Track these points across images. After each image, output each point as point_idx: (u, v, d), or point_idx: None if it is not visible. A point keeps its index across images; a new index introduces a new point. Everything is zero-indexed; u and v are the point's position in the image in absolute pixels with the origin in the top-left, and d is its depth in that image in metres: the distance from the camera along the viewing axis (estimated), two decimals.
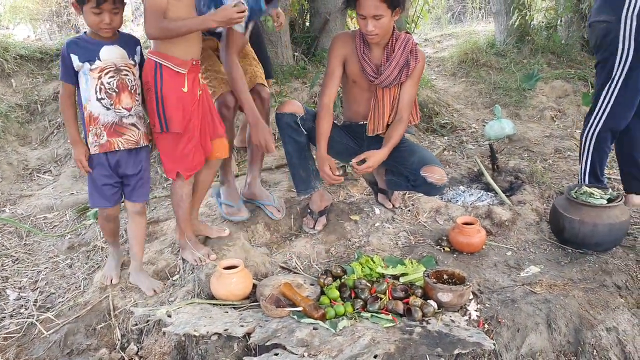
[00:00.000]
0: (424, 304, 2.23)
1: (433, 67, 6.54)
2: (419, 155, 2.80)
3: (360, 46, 2.70)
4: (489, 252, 2.77)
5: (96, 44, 2.25)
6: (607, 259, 2.62)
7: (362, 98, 2.85)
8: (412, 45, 2.71)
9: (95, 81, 2.24)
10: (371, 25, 2.52)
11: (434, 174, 2.67)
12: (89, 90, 2.25)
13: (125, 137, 2.34)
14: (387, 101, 2.77)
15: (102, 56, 2.25)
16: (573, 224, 2.66)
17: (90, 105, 2.27)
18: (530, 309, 2.24)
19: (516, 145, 4.29)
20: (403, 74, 2.71)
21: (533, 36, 6.36)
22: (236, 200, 2.98)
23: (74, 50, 2.22)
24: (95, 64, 2.23)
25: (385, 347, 1.97)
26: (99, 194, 2.40)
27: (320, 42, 5.36)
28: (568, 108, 5.22)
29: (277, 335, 2.06)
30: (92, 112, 2.28)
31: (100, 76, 2.24)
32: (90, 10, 2.16)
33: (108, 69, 2.26)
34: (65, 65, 2.24)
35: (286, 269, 2.67)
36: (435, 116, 4.85)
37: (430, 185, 2.70)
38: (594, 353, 2.11)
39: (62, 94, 2.31)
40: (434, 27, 9.33)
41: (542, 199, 3.27)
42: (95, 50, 2.24)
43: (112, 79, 2.27)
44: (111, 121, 2.30)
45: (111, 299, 2.47)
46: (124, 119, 2.32)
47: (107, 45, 2.26)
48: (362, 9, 2.50)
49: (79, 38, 2.28)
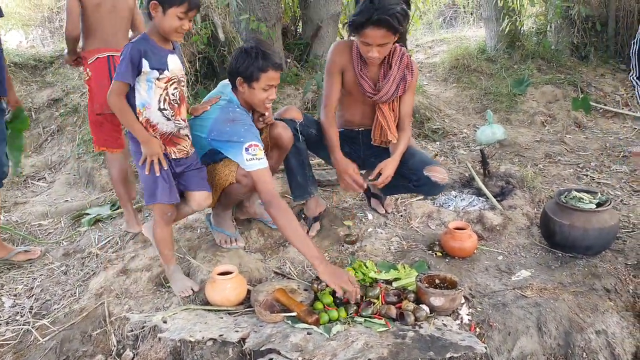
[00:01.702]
0: (416, 309, 2.26)
1: (425, 72, 6.59)
2: (419, 156, 2.87)
3: (357, 62, 2.73)
4: (480, 257, 2.81)
5: (164, 52, 2.22)
6: (597, 263, 2.66)
7: (355, 108, 2.89)
8: (407, 59, 2.76)
9: (161, 91, 2.23)
10: (375, 52, 2.55)
11: (438, 173, 2.75)
12: (151, 99, 2.22)
13: (179, 147, 2.37)
14: (390, 113, 2.82)
15: (169, 66, 2.24)
16: (563, 228, 2.70)
17: (149, 112, 2.24)
18: (521, 313, 2.27)
19: (507, 150, 4.34)
20: (400, 88, 2.76)
21: (523, 42, 6.44)
22: (232, 229, 2.87)
23: (147, 55, 2.17)
24: (164, 74, 2.22)
25: (379, 351, 1.99)
26: (164, 189, 2.33)
27: (313, 49, 5.41)
28: (558, 113, 5.29)
29: (272, 340, 2.08)
30: (149, 119, 2.25)
31: (166, 87, 2.23)
32: (176, 14, 2.13)
33: (173, 80, 2.25)
34: (132, 66, 2.15)
35: (280, 275, 2.70)
36: (427, 121, 4.90)
37: (434, 185, 2.76)
38: (584, 356, 2.15)
39: (115, 92, 2.19)
40: (426, 33, 9.41)
41: (532, 203, 3.32)
42: (164, 59, 2.22)
43: (176, 90, 2.28)
44: (169, 132, 2.31)
45: (107, 306, 2.48)
46: (181, 130, 2.35)
47: (170, 54, 2.25)
48: (368, 38, 2.50)
49: (148, 42, 2.20)
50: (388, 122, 2.82)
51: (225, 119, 2.41)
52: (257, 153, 2.34)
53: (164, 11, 2.13)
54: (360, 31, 2.50)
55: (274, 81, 2.40)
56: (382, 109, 2.82)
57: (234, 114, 2.44)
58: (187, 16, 2.15)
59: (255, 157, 2.34)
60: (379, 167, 2.72)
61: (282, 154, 2.79)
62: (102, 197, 3.76)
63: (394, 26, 2.45)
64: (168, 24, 2.15)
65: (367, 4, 2.45)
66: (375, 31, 2.46)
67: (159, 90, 2.22)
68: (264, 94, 2.41)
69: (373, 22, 2.44)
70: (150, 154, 2.27)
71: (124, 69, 2.16)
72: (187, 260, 2.68)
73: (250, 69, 2.35)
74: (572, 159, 4.14)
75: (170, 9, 2.12)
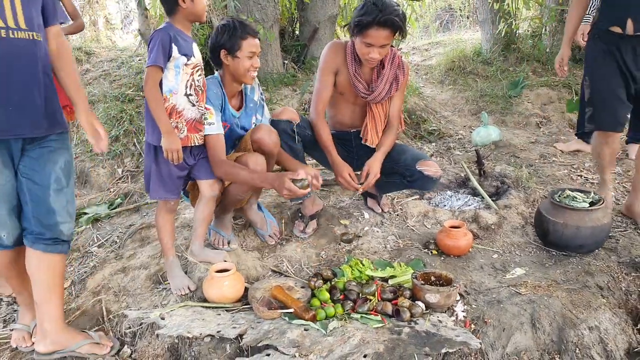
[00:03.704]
0: (412, 305, 2.28)
1: (421, 74, 6.64)
2: (410, 153, 2.92)
3: (351, 63, 2.76)
4: (475, 255, 2.83)
5: (189, 39, 2.30)
6: (590, 261, 2.69)
7: (347, 109, 2.93)
8: (398, 59, 2.80)
9: (188, 77, 2.29)
10: (376, 54, 2.59)
11: (430, 167, 2.81)
12: (178, 84, 2.28)
13: (201, 134, 2.44)
14: (381, 114, 2.86)
15: (195, 53, 2.30)
16: (557, 227, 2.73)
17: (176, 98, 2.29)
18: (515, 309, 2.29)
19: (502, 151, 4.37)
20: (393, 89, 2.80)
21: (519, 44, 6.50)
22: (228, 231, 2.87)
23: (177, 41, 2.23)
24: (191, 60, 2.29)
25: (375, 346, 2.01)
26: (167, 187, 2.44)
27: (310, 51, 5.44)
28: (553, 115, 5.33)
29: (269, 336, 2.10)
30: (176, 106, 2.30)
31: (192, 72, 2.30)
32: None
33: (199, 66, 2.34)
34: (163, 50, 2.19)
35: (277, 272, 2.72)
36: (423, 123, 4.94)
37: (427, 179, 2.81)
38: (577, 351, 2.17)
39: (152, 78, 2.21)
40: (422, 36, 9.47)
41: (527, 203, 3.35)
42: (190, 45, 2.29)
43: (200, 77, 2.36)
44: (194, 117, 2.37)
45: (104, 304, 2.50)
46: (202, 116, 2.42)
47: (194, 42, 2.33)
48: (371, 39, 2.54)
49: (174, 31, 2.26)
50: (376, 124, 2.87)
51: None
52: (207, 117, 2.45)
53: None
54: (364, 32, 2.54)
55: (255, 47, 2.50)
56: (373, 110, 2.86)
57: (208, 81, 2.54)
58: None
59: (205, 122, 2.44)
60: (365, 168, 2.77)
61: (269, 160, 2.68)
62: (99, 197, 3.78)
63: (399, 26, 2.52)
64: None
65: (370, 6, 2.50)
66: (380, 32, 2.51)
67: (185, 76, 2.28)
68: (248, 61, 2.49)
69: (379, 23, 2.49)
70: (170, 149, 2.28)
71: (157, 54, 2.19)
72: (184, 258, 2.70)
73: (232, 39, 2.46)
74: (566, 159, 4.17)
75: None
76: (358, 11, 2.57)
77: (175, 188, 2.49)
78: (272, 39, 4.95)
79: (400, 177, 2.90)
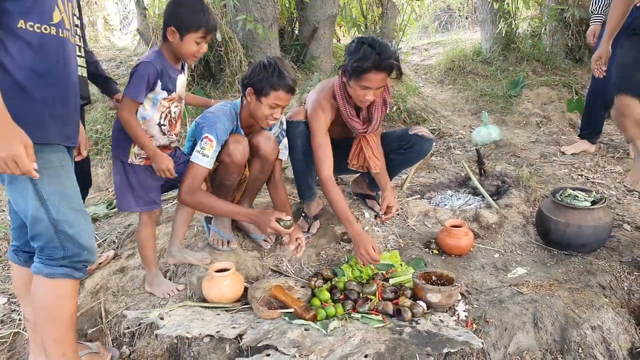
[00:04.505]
0: (413, 305, 2.26)
1: (421, 74, 6.63)
2: (397, 129, 3.07)
3: (344, 105, 2.69)
4: (476, 254, 2.82)
5: (175, 72, 2.23)
6: (592, 260, 2.68)
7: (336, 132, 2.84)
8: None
9: (164, 109, 2.24)
10: (372, 95, 2.53)
11: (423, 130, 2.96)
12: (153, 114, 2.23)
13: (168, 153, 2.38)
14: (375, 138, 2.87)
15: (177, 88, 2.25)
16: (558, 226, 2.72)
17: (147, 125, 2.24)
18: (517, 309, 2.28)
19: (503, 151, 4.36)
20: (383, 112, 2.80)
21: (518, 44, 6.49)
22: (227, 231, 2.83)
23: (162, 77, 2.17)
24: (171, 95, 2.23)
25: (376, 346, 2.00)
26: (147, 200, 2.37)
27: (310, 50, 5.43)
28: (553, 114, 5.32)
29: (269, 336, 2.08)
30: (146, 131, 2.24)
31: (169, 106, 2.25)
32: (194, 39, 2.13)
33: (177, 99, 2.28)
34: (146, 86, 2.14)
35: (277, 272, 2.70)
36: (423, 122, 4.92)
37: (423, 139, 2.90)
38: (579, 351, 2.16)
39: (129, 109, 2.15)
40: (422, 36, 9.47)
41: (528, 202, 3.33)
42: (174, 80, 2.23)
43: (177, 108, 2.31)
44: (162, 144, 2.32)
45: (103, 304, 2.48)
46: (172, 143, 2.38)
47: (180, 74, 2.26)
48: (369, 83, 2.47)
49: (164, 60, 2.19)
50: (373, 151, 2.85)
51: (215, 109, 2.48)
52: (205, 147, 2.35)
53: (182, 37, 2.13)
54: (361, 76, 2.46)
55: (283, 102, 2.41)
56: (367, 138, 2.83)
57: (224, 108, 2.48)
58: (205, 40, 2.17)
59: (201, 151, 2.35)
60: (383, 205, 2.80)
61: (264, 166, 2.66)
62: (97, 197, 3.76)
63: (398, 69, 2.48)
64: (186, 49, 2.15)
65: (367, 49, 2.41)
66: (378, 75, 2.44)
67: (162, 107, 2.24)
68: (269, 110, 2.42)
69: (377, 68, 2.42)
70: (162, 169, 2.26)
71: (138, 89, 2.13)
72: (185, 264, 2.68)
73: (263, 82, 2.36)
74: (566, 159, 4.16)
75: (188, 34, 2.12)
76: (354, 55, 2.45)
77: (154, 199, 2.42)
78: (271, 39, 4.94)
79: (397, 151, 2.97)
